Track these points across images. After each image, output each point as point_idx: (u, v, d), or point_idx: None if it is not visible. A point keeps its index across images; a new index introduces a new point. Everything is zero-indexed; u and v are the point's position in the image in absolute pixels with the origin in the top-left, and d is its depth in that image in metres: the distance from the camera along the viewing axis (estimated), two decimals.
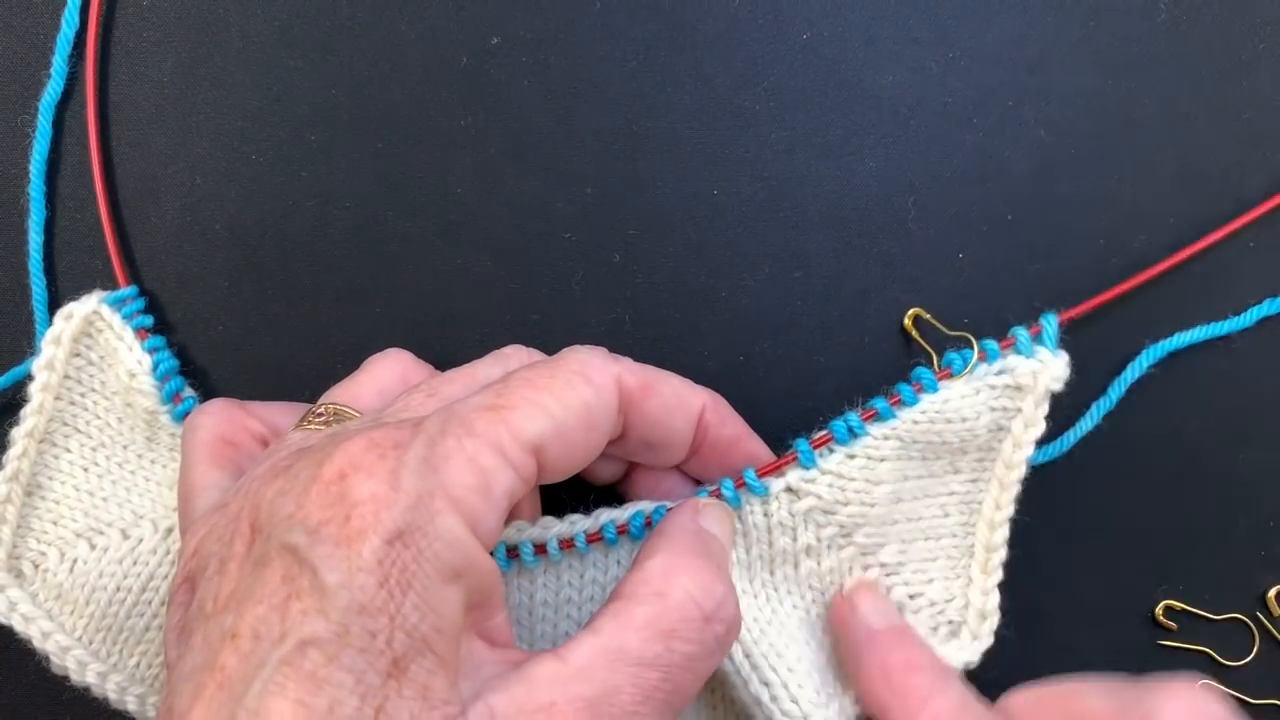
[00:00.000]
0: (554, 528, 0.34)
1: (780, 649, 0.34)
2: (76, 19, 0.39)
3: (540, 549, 0.34)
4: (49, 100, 0.39)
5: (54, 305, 0.39)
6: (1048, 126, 0.39)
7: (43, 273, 0.39)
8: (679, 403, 0.33)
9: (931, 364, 0.35)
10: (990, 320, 0.38)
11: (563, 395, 0.30)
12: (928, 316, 0.38)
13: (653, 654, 0.27)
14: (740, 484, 0.34)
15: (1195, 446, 0.39)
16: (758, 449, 0.35)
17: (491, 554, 0.28)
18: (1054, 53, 0.39)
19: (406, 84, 0.39)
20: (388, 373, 0.35)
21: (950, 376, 0.34)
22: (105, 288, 0.38)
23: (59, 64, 0.39)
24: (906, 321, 0.38)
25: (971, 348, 0.34)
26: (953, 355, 0.34)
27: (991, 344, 0.34)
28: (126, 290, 0.39)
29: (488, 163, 0.39)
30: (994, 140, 0.39)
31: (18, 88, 0.40)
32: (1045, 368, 0.34)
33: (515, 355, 0.34)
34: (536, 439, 0.28)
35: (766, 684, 0.34)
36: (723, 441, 0.35)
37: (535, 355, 0.34)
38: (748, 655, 0.34)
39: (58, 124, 0.40)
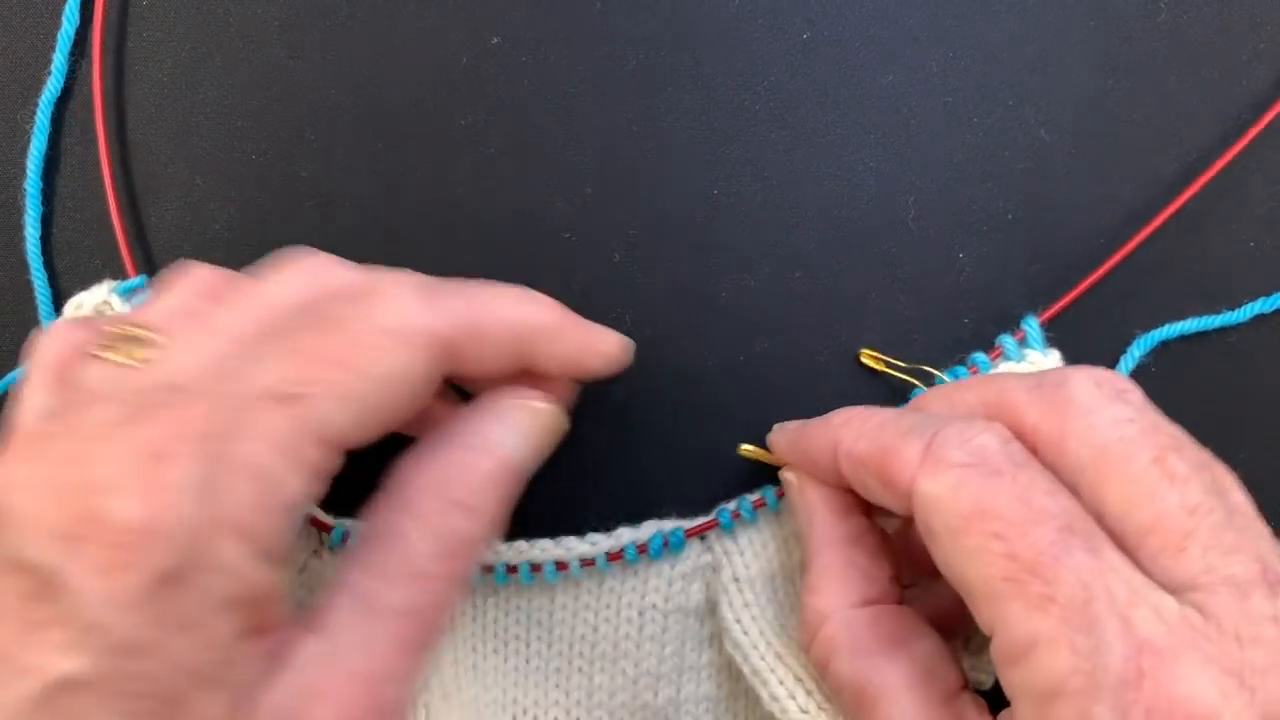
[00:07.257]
0: (576, 548, 0.34)
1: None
2: (77, 16, 0.39)
3: (562, 566, 0.34)
4: (48, 98, 0.39)
5: (56, 304, 0.39)
6: (1048, 126, 0.39)
7: (43, 268, 0.39)
8: (512, 340, 0.29)
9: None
10: (991, 320, 0.37)
11: (369, 368, 0.26)
12: (875, 354, 0.36)
13: (402, 600, 0.26)
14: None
15: None
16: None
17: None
18: (1054, 53, 0.39)
19: (406, 84, 0.39)
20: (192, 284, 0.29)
21: None
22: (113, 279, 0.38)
23: (59, 62, 0.39)
24: (862, 359, 0.37)
25: (932, 379, 0.33)
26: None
27: (982, 357, 0.34)
28: (136, 280, 0.38)
29: (488, 163, 0.39)
30: (994, 140, 0.39)
31: (17, 86, 0.40)
32: (1040, 369, 0.34)
33: (314, 268, 0.29)
34: (340, 432, 0.25)
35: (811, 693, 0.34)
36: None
37: (334, 266, 0.29)
38: (784, 661, 0.34)
39: (56, 122, 0.40)
